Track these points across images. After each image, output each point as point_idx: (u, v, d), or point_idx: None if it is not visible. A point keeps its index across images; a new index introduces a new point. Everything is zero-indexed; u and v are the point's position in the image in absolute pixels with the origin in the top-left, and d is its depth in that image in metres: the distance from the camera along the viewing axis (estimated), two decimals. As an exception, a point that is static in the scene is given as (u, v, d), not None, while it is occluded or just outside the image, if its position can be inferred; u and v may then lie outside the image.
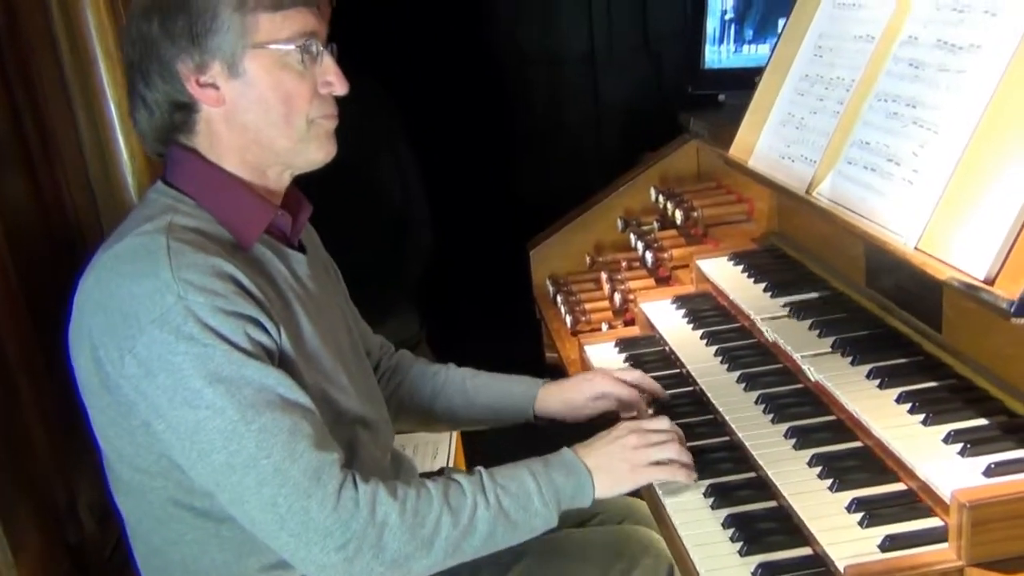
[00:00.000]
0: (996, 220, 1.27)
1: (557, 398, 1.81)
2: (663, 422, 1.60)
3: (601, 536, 1.71)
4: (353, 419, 1.46)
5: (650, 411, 1.79)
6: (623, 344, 2.15)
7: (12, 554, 1.42)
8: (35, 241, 1.69)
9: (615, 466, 1.49)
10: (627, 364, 2.05)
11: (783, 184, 1.79)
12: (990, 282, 1.26)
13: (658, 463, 1.52)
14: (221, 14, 1.32)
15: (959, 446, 1.33)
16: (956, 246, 1.32)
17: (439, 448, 2.47)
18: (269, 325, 1.30)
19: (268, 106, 1.37)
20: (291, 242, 1.49)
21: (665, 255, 2.38)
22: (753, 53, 2.62)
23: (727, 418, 1.67)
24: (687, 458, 1.56)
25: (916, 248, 1.38)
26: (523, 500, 1.40)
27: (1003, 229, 1.25)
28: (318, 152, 1.43)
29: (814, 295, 1.88)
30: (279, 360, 1.32)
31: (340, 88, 1.41)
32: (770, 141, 1.91)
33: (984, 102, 1.36)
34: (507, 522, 1.38)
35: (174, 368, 1.23)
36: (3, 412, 1.28)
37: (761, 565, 1.36)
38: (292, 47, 1.36)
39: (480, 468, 1.42)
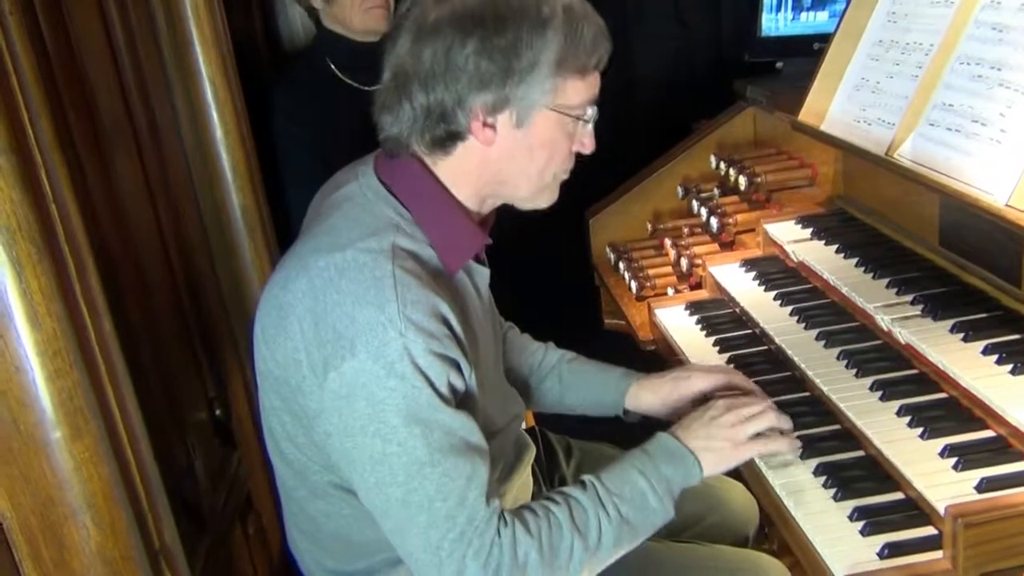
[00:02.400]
0: (1089, 176, 1.33)
1: (651, 394, 1.75)
2: (755, 401, 1.58)
3: (731, 560, 1.67)
4: (495, 430, 1.47)
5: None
6: (693, 307, 2.21)
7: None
8: (145, 218, 1.77)
9: (716, 445, 1.48)
10: (699, 326, 2.12)
11: (861, 147, 1.85)
12: (1086, 234, 1.32)
13: (758, 435, 1.52)
14: (540, 71, 1.30)
15: (1050, 393, 1.40)
16: (1050, 201, 1.38)
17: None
18: (465, 367, 1.31)
19: (531, 159, 1.37)
20: (480, 258, 1.49)
21: (730, 220, 2.43)
22: (811, 21, 2.65)
23: (809, 374, 1.74)
24: (786, 424, 1.56)
25: (1007, 204, 1.44)
26: (639, 502, 1.40)
27: (1097, 184, 1.31)
28: (548, 201, 1.45)
29: (887, 255, 1.93)
30: (464, 396, 1.33)
31: (590, 149, 1.42)
32: (844, 105, 1.96)
33: (1073, 63, 1.41)
34: (629, 528, 1.40)
35: (377, 400, 1.24)
36: (137, 385, 1.35)
37: (857, 509, 1.44)
38: (578, 113, 1.37)
39: (591, 479, 1.41)
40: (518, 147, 1.36)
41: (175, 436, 1.72)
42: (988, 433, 1.46)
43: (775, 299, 2.03)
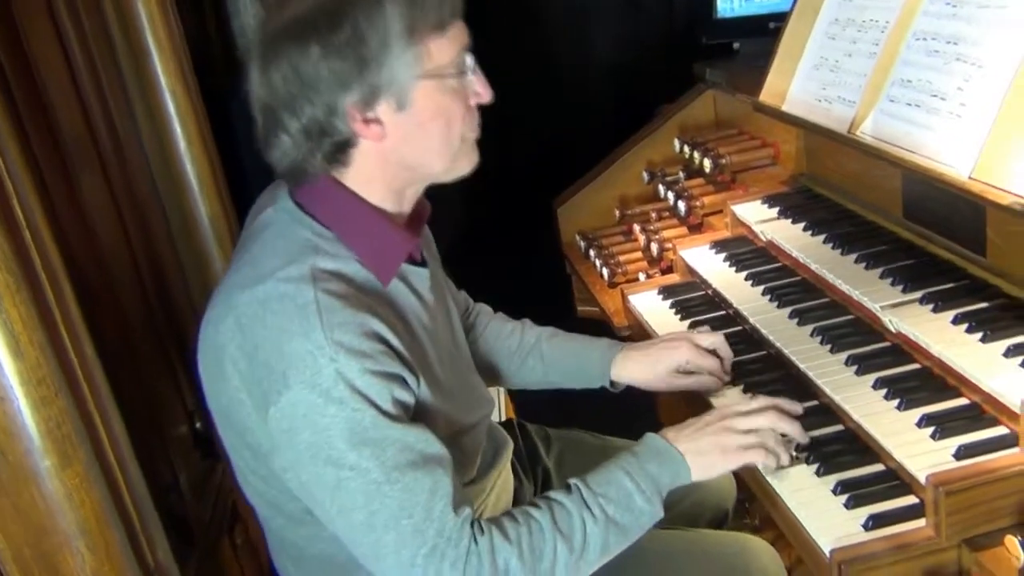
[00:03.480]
0: (1049, 145, 1.36)
1: (638, 364, 1.75)
2: (756, 403, 1.54)
3: (718, 544, 1.67)
4: (463, 428, 1.46)
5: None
6: (666, 291, 2.23)
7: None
8: (113, 233, 1.75)
9: (706, 449, 1.46)
10: (673, 310, 2.14)
11: (823, 126, 1.88)
12: (1051, 203, 1.35)
13: (750, 446, 1.48)
14: (393, 46, 1.24)
15: (1020, 359, 1.43)
16: (1013, 172, 1.41)
17: (490, 404, 2.55)
18: (411, 379, 1.29)
19: (429, 134, 1.32)
20: (415, 259, 1.45)
21: (697, 203, 2.46)
22: (766, 0, 2.68)
23: (785, 351, 1.76)
24: (780, 448, 1.50)
25: (970, 177, 1.48)
26: (625, 502, 1.38)
27: (1057, 154, 1.35)
28: (467, 165, 1.40)
29: (854, 230, 1.97)
30: (415, 407, 1.31)
31: (487, 97, 1.36)
32: (804, 85, 1.99)
33: (1027, 34, 1.44)
34: (617, 529, 1.38)
35: (320, 428, 1.22)
36: (119, 404, 1.34)
37: (840, 483, 1.46)
38: (454, 70, 1.30)
39: (576, 481, 1.39)
40: (410, 129, 1.30)
41: (158, 452, 1.71)
42: (963, 401, 1.49)
43: (746, 279, 2.05)
